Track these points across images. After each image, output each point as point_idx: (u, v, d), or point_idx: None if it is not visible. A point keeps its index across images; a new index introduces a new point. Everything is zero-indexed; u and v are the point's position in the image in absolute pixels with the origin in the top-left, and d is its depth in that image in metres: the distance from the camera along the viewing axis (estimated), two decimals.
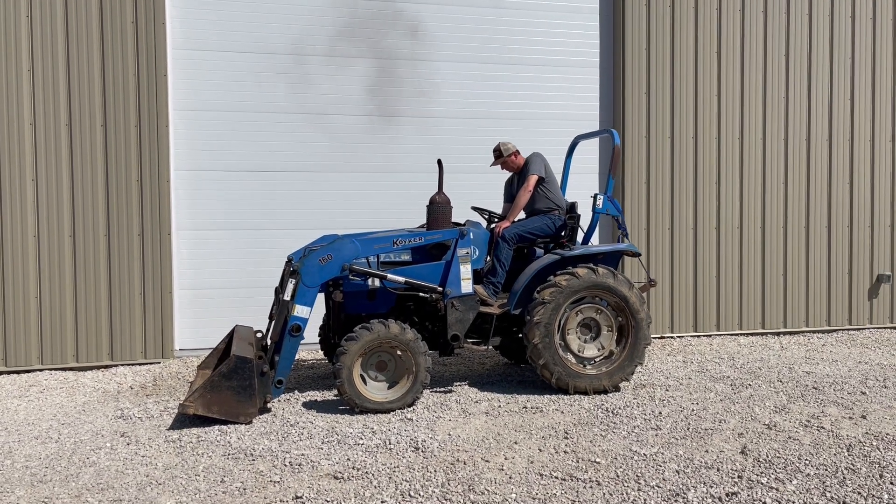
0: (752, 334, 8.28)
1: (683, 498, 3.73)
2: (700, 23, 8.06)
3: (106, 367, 6.78)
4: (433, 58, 7.68)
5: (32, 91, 6.57)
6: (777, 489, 3.83)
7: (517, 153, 6.22)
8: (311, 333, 5.86)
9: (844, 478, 3.99)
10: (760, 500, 3.69)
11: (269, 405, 5.33)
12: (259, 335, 5.90)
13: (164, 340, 6.95)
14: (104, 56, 6.71)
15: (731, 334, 8.24)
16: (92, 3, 6.66)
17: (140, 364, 6.86)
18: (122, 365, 6.82)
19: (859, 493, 3.80)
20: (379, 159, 7.61)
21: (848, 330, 8.55)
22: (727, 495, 3.76)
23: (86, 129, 6.69)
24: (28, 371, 6.61)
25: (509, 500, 3.73)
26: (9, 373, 6.58)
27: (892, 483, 3.92)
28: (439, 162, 5.88)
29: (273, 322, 5.76)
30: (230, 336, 5.88)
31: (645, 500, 3.72)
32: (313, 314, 5.36)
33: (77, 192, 6.70)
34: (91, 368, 6.74)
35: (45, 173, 6.62)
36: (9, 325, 6.59)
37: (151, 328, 6.92)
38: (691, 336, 8.14)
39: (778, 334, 8.34)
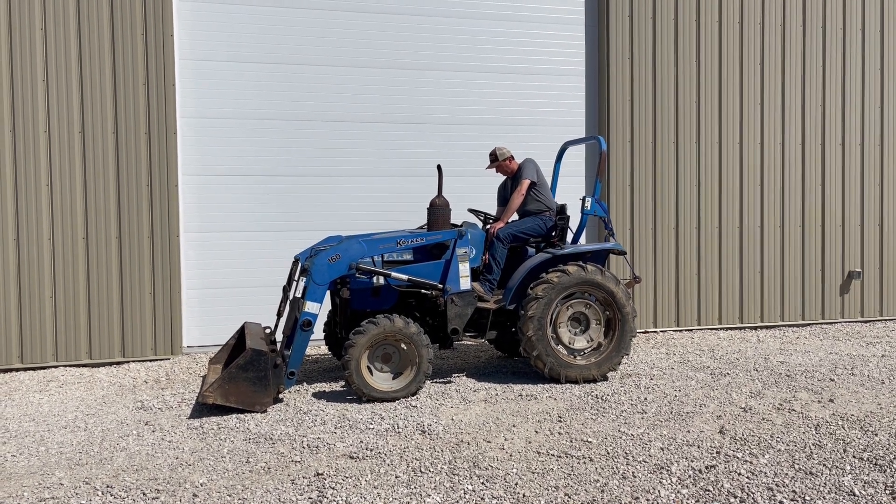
0: (730, 328, 8.74)
1: (667, 471, 4.14)
2: (680, 34, 8.50)
3: (118, 363, 7.09)
4: (429, 67, 8.05)
5: (47, 100, 6.87)
6: (751, 462, 4.26)
7: (512, 158, 6.61)
8: (317, 329, 6.18)
9: (812, 452, 4.43)
10: (736, 472, 4.11)
11: (281, 396, 5.68)
12: (267, 331, 6.26)
13: (173, 338, 7.26)
14: (115, 66, 7.03)
15: (711, 328, 8.69)
16: (104, 16, 6.98)
17: (150, 360, 7.17)
18: (133, 361, 7.13)
19: (824, 465, 4.23)
20: (378, 164, 7.97)
21: (821, 324, 9.02)
22: (706, 468, 4.18)
23: (98, 137, 7.00)
24: (44, 367, 6.91)
25: (511, 474, 4.12)
26: (25, 369, 6.88)
27: (854, 456, 4.35)
28: (439, 167, 6.26)
29: (283, 318, 6.13)
30: (240, 332, 6.22)
31: (633, 472, 4.12)
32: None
33: (90, 197, 7.00)
34: (104, 365, 7.04)
35: (60, 178, 6.92)
36: (25, 324, 6.88)
37: (161, 326, 7.23)
38: (673, 330, 8.57)
39: (755, 328, 8.80)
